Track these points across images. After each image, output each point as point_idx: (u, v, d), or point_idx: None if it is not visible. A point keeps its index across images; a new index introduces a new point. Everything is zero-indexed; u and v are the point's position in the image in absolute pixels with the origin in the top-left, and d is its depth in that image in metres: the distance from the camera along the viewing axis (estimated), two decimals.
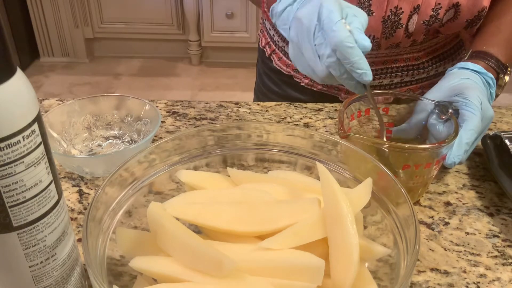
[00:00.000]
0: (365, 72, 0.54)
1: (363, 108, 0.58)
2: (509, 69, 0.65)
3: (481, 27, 0.71)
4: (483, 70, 0.61)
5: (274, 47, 0.86)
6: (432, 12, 0.68)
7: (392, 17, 0.68)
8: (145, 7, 2.59)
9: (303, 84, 0.83)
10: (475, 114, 0.55)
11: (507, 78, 0.65)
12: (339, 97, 0.82)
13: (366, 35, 0.72)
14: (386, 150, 0.51)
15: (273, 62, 0.86)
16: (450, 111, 0.55)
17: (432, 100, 0.57)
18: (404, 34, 0.70)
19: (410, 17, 0.68)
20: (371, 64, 0.77)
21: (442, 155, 0.52)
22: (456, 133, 0.52)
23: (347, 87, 0.56)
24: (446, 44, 0.79)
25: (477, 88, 0.59)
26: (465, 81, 0.59)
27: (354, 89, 0.56)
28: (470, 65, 0.62)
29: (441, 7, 0.67)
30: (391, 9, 0.68)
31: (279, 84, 0.87)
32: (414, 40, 0.72)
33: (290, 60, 0.83)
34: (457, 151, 0.54)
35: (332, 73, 0.55)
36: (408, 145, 0.51)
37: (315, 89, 0.82)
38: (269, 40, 0.87)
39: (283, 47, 0.84)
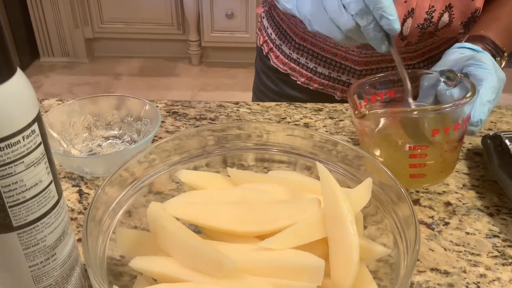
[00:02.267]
0: (396, 19, 0.52)
1: (372, 91, 0.57)
2: (505, 54, 0.65)
3: (480, 16, 0.70)
4: (481, 50, 0.61)
5: (272, 45, 0.86)
6: (426, 16, 0.68)
7: None
8: (145, 7, 2.59)
9: (299, 82, 0.83)
10: (491, 74, 0.54)
11: (503, 62, 0.65)
12: (335, 96, 0.82)
13: None
14: (413, 117, 0.50)
15: (270, 60, 0.86)
16: (459, 74, 0.54)
17: (435, 71, 0.56)
18: (399, 37, 0.70)
19: (404, 21, 0.68)
20: (365, 63, 0.77)
21: (466, 114, 0.51)
22: (474, 87, 0.51)
23: (372, 42, 0.54)
24: (442, 45, 0.79)
25: (485, 53, 0.58)
26: (469, 53, 0.59)
27: (380, 44, 0.54)
28: (468, 44, 0.61)
29: (435, 9, 0.67)
30: None
31: (276, 82, 0.88)
32: (408, 42, 0.72)
33: (287, 58, 0.83)
34: (481, 108, 0.53)
35: (359, 23, 0.53)
36: (431, 106, 0.50)
37: (311, 88, 0.83)
38: (266, 38, 0.87)
39: (280, 46, 0.84)
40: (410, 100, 0.56)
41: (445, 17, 0.68)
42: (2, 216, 0.32)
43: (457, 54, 0.59)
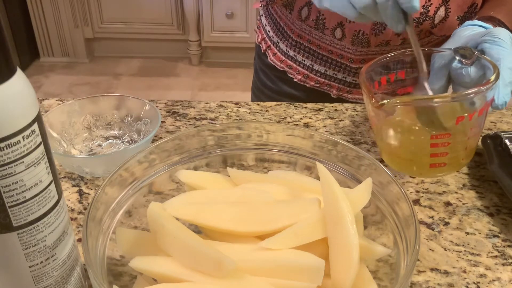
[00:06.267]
0: None
1: (383, 72, 0.54)
2: None
3: (484, 2, 0.68)
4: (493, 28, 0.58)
5: (269, 43, 0.86)
6: (422, 9, 0.67)
7: None
8: (145, 7, 2.59)
9: (296, 80, 0.84)
10: (509, 52, 0.51)
11: None
12: (331, 93, 0.83)
13: (355, 30, 0.72)
14: (435, 105, 0.47)
15: (268, 58, 0.87)
16: (475, 52, 0.51)
17: (448, 49, 0.53)
18: (393, 32, 0.70)
19: None
20: (360, 61, 0.77)
21: (490, 97, 0.49)
22: (496, 67, 0.48)
23: (388, 21, 0.52)
24: (438, 44, 0.79)
25: (502, 28, 0.54)
26: (483, 30, 0.55)
27: (396, 23, 0.51)
28: (479, 22, 0.58)
29: (431, 3, 0.67)
30: None
31: (274, 80, 0.88)
32: (404, 38, 0.71)
33: (284, 56, 0.83)
34: (504, 90, 0.50)
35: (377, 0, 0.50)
36: (453, 93, 0.47)
37: (307, 85, 0.83)
38: (264, 36, 0.88)
39: (277, 43, 0.84)
40: (426, 85, 0.52)
41: (441, 11, 0.67)
42: (2, 216, 0.32)
43: (470, 31, 0.56)
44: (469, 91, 0.47)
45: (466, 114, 0.48)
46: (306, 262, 0.37)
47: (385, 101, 0.46)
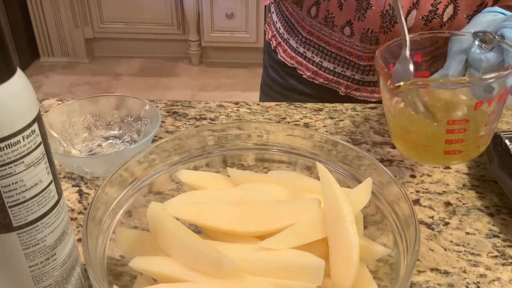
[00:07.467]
0: None
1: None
2: None
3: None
4: None
5: (280, 40, 0.87)
6: (431, 7, 0.68)
7: (391, 11, 0.68)
8: (145, 7, 2.59)
9: (305, 76, 0.84)
10: None
11: None
12: (339, 91, 0.83)
13: (364, 28, 0.72)
14: (452, 87, 0.46)
15: (278, 54, 0.88)
16: (496, 37, 0.49)
17: (468, 32, 0.51)
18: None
19: (409, 12, 0.68)
20: (369, 59, 0.77)
21: (511, 83, 0.47)
22: None
23: None
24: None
25: None
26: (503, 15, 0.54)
27: None
28: (499, 9, 0.56)
29: (440, 1, 0.67)
30: (389, 4, 0.68)
31: (283, 76, 0.89)
32: None
33: (294, 52, 0.84)
34: None
35: None
36: (472, 77, 0.45)
37: (316, 82, 0.84)
38: (275, 32, 0.89)
39: (287, 39, 0.85)
40: (406, 52, 0.50)
41: (450, 9, 0.68)
42: (2, 216, 0.32)
43: (490, 16, 0.55)
44: (489, 76, 0.45)
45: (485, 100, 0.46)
46: (306, 262, 0.37)
47: (401, 83, 0.44)
